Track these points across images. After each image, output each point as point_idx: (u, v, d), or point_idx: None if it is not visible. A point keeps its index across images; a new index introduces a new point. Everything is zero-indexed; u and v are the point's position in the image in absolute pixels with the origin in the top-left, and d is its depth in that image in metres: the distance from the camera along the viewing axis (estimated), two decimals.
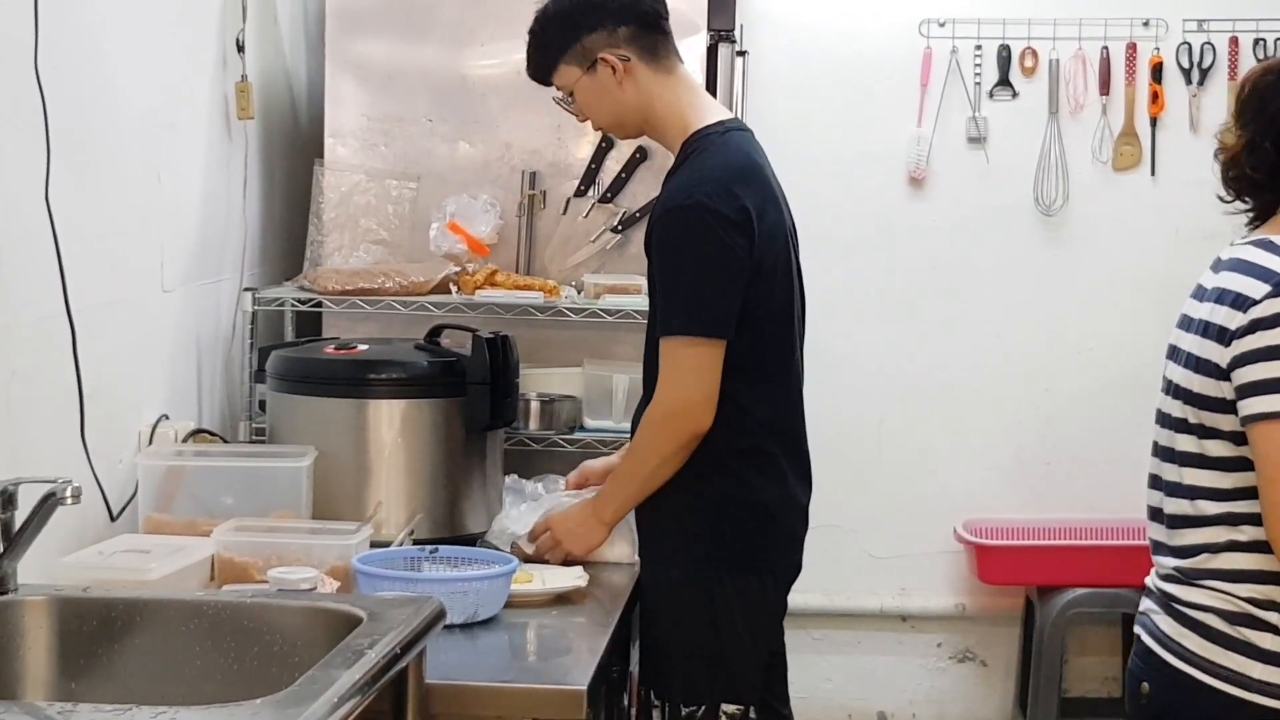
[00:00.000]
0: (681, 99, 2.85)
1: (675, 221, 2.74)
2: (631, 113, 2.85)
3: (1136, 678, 2.40)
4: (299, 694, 1.84)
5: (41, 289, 2.61)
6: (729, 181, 2.74)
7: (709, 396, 2.73)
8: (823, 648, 4.92)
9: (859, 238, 4.83)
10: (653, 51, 2.83)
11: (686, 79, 2.90)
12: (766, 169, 2.86)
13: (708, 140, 2.80)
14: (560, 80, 2.87)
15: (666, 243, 2.76)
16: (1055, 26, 4.79)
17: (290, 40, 3.92)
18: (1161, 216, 4.78)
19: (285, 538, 2.72)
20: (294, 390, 3.13)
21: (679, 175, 2.80)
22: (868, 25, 4.85)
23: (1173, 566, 2.36)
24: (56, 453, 2.66)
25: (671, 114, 2.84)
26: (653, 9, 2.85)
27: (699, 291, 2.73)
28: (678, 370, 2.74)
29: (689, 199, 2.72)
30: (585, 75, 2.83)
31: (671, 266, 2.75)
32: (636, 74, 2.82)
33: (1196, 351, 2.35)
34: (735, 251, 2.71)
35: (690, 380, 2.73)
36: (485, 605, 2.67)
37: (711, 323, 2.72)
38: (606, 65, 2.81)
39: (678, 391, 2.74)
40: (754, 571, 2.83)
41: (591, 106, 2.87)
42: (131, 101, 2.99)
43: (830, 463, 3.06)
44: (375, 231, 3.68)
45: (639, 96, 2.83)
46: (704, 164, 2.76)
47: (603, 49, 2.81)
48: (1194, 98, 4.80)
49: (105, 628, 2.25)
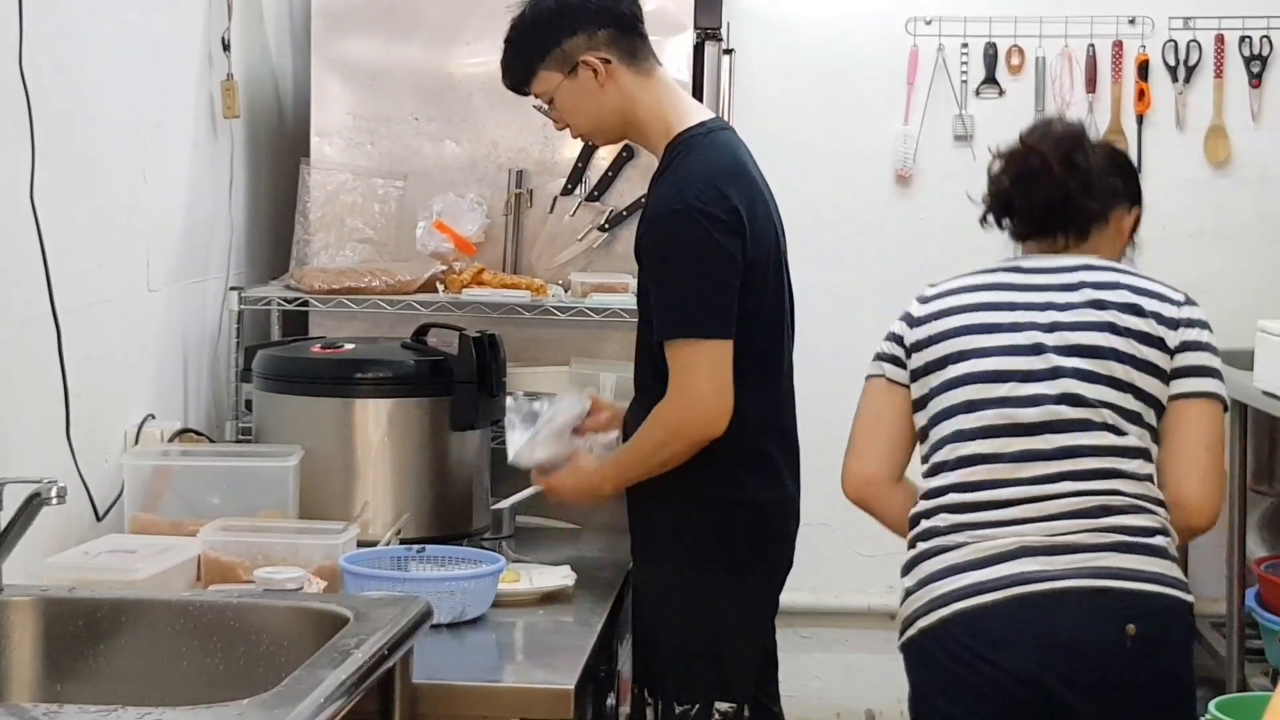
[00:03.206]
0: (662, 100, 2.85)
1: (668, 225, 2.73)
2: (613, 116, 2.84)
3: (1117, 622, 2.47)
4: (285, 694, 1.84)
5: (26, 289, 2.61)
6: (718, 183, 2.73)
7: (724, 396, 2.72)
8: (810, 646, 4.92)
9: (846, 236, 4.83)
10: (632, 54, 2.83)
11: (666, 80, 2.89)
12: (753, 168, 2.86)
13: (693, 142, 2.80)
14: (539, 87, 2.85)
15: (660, 247, 2.75)
16: (1041, 24, 4.79)
17: (276, 39, 3.91)
18: (1147, 214, 4.75)
19: (272, 537, 2.72)
20: (280, 389, 3.13)
21: (667, 178, 2.79)
22: (854, 23, 4.85)
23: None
24: (42, 453, 2.66)
25: (653, 116, 2.84)
26: (630, 11, 2.84)
27: (699, 293, 2.72)
28: (690, 373, 2.72)
29: (680, 202, 2.71)
30: (566, 80, 2.81)
31: (667, 270, 2.74)
32: (617, 76, 2.81)
33: None
34: (729, 252, 2.71)
35: (704, 382, 2.71)
36: (472, 604, 2.67)
37: (715, 323, 2.72)
38: (588, 69, 2.80)
39: (692, 395, 2.72)
40: (749, 570, 2.83)
41: (572, 112, 2.85)
42: (116, 101, 2.98)
43: (817, 460, 3.06)
44: (361, 230, 3.68)
45: (620, 99, 2.82)
46: (691, 166, 2.76)
47: (583, 52, 2.80)
48: (1180, 95, 4.81)
49: (91, 628, 2.25)
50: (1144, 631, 2.47)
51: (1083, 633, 2.48)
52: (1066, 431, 2.55)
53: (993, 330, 2.64)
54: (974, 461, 2.58)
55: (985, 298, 2.68)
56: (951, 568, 2.55)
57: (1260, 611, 4.17)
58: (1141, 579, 2.50)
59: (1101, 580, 2.49)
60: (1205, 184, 4.84)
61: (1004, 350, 2.61)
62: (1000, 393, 2.59)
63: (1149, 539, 2.53)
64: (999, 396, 2.59)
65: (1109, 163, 2.85)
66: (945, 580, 2.54)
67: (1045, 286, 2.65)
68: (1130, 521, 2.53)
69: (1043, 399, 2.57)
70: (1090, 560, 2.50)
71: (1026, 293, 2.66)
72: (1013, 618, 2.48)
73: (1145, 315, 2.60)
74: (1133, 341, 2.59)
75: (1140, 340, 2.59)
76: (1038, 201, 2.70)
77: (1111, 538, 2.51)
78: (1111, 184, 2.81)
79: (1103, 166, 2.76)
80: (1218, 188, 4.83)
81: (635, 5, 2.85)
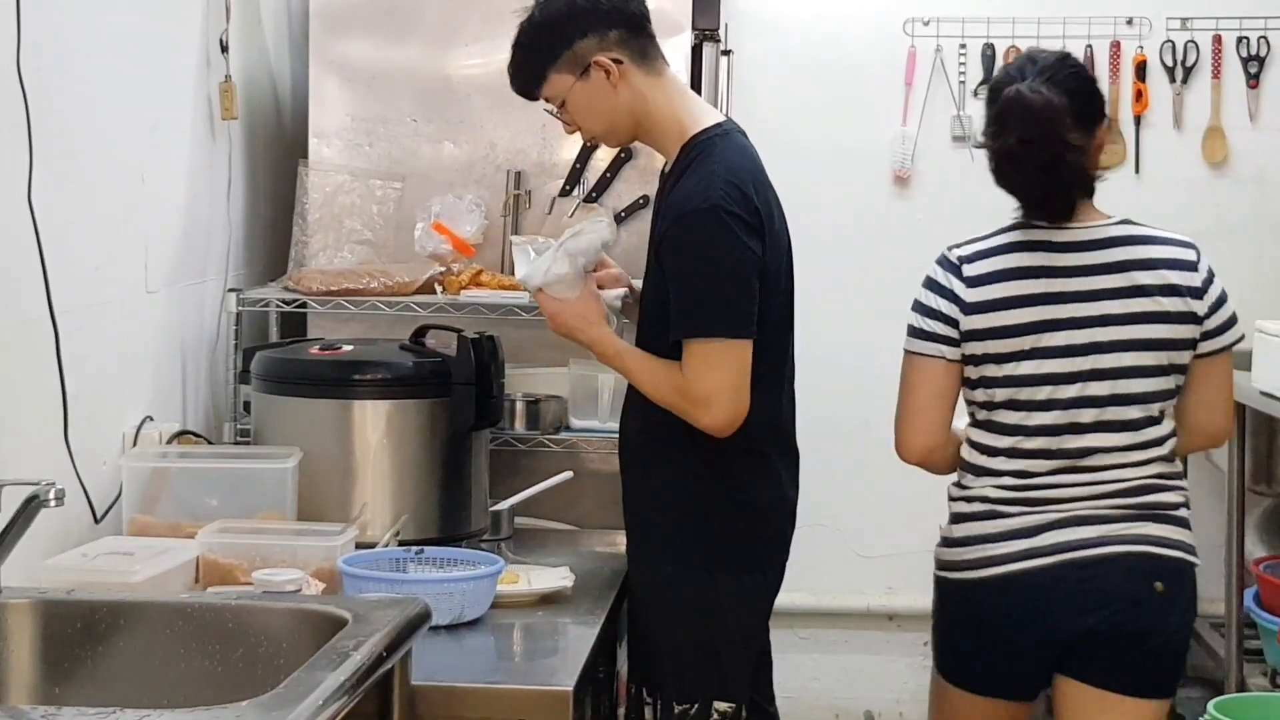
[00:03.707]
0: (674, 100, 2.85)
1: (695, 225, 2.72)
2: (626, 117, 2.84)
3: (1146, 580, 2.79)
4: (284, 696, 1.83)
5: (24, 291, 2.61)
6: (742, 184, 2.73)
7: (740, 398, 2.71)
8: (809, 647, 4.92)
9: (844, 237, 4.82)
10: (643, 54, 2.82)
11: (675, 80, 2.90)
12: (764, 170, 2.86)
13: (710, 143, 2.79)
14: (550, 90, 2.83)
15: (686, 246, 2.73)
16: (1039, 25, 4.79)
17: (274, 40, 3.91)
18: (1145, 214, 4.75)
19: (270, 539, 2.72)
20: (279, 391, 3.13)
21: (688, 178, 2.77)
22: (852, 24, 4.85)
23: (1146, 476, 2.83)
24: (40, 455, 2.66)
25: (665, 116, 2.83)
26: (639, 11, 2.84)
27: (724, 293, 2.71)
28: (711, 371, 2.71)
29: (706, 202, 2.71)
30: (578, 82, 2.80)
31: (692, 269, 2.73)
32: (629, 77, 2.81)
33: None
34: (753, 253, 2.71)
35: (723, 381, 2.70)
36: (471, 606, 2.67)
37: (739, 323, 2.71)
38: (600, 69, 2.79)
39: (708, 394, 2.71)
40: (746, 570, 2.83)
41: (585, 114, 2.84)
42: (114, 102, 2.98)
43: (816, 462, 3.06)
44: (360, 232, 3.68)
45: (633, 99, 2.82)
46: (714, 167, 2.75)
47: (595, 53, 2.79)
48: (1178, 96, 4.81)
49: (89, 630, 2.25)
50: (1168, 589, 2.79)
51: (1117, 589, 2.78)
52: (1119, 432, 2.81)
53: (1052, 329, 2.80)
54: (1033, 455, 2.82)
55: (1036, 287, 2.82)
56: (1006, 533, 2.81)
57: (1259, 612, 4.17)
58: (1167, 545, 2.81)
59: (1137, 546, 2.80)
60: (1203, 184, 4.84)
61: (1063, 352, 2.80)
62: (1062, 395, 2.80)
63: (1175, 511, 2.83)
64: (1061, 399, 2.80)
65: (1083, 105, 2.81)
66: (1000, 544, 2.81)
67: (1089, 269, 2.82)
68: (1163, 498, 2.83)
69: (1099, 400, 2.80)
70: (1128, 529, 2.79)
71: (1074, 279, 2.82)
72: (1061, 580, 2.77)
73: (1181, 294, 2.81)
74: (1174, 326, 2.81)
75: (1179, 321, 2.81)
76: (1036, 191, 2.82)
77: (1147, 511, 2.81)
78: (1091, 131, 2.83)
79: (1079, 120, 2.78)
80: (1215, 188, 4.84)
81: (643, 5, 2.85)
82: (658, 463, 2.85)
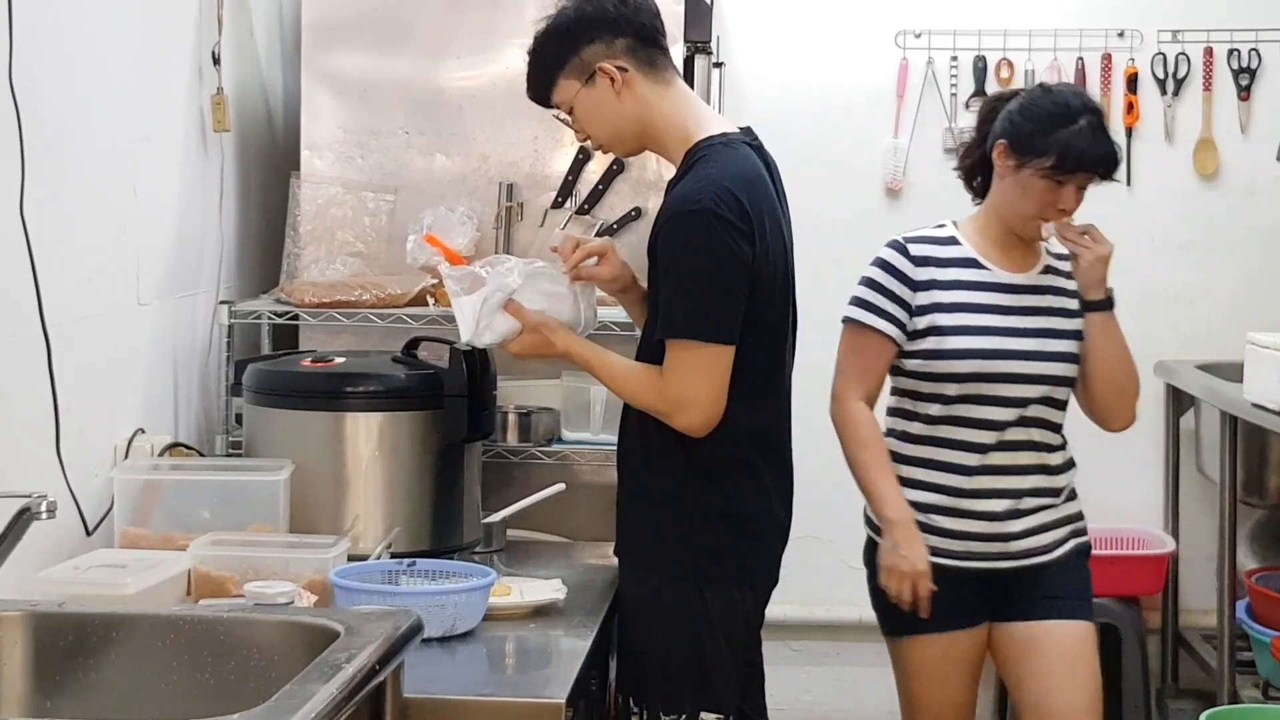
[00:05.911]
0: (681, 109, 2.86)
1: (683, 226, 2.74)
2: (630, 124, 2.85)
3: (1080, 547, 3.43)
4: (276, 709, 1.83)
5: (16, 303, 2.60)
6: (734, 189, 2.74)
7: (716, 403, 2.73)
8: (802, 659, 4.92)
9: (836, 249, 4.81)
10: (650, 64, 2.84)
11: (685, 91, 2.90)
12: (769, 181, 2.87)
13: (712, 150, 2.80)
14: (559, 96, 2.87)
15: (674, 246, 2.75)
16: (1031, 37, 4.80)
17: (266, 53, 3.92)
18: (1137, 227, 4.79)
19: (262, 551, 2.71)
20: (271, 403, 3.12)
21: (684, 182, 2.79)
22: (844, 37, 4.86)
23: None
24: (31, 467, 2.65)
25: (671, 125, 2.85)
26: (651, 24, 2.86)
27: (708, 296, 2.72)
28: (687, 374, 2.73)
29: (696, 204, 2.72)
30: (584, 88, 2.83)
31: (678, 270, 2.74)
32: (634, 85, 2.82)
33: None
34: (741, 259, 2.72)
35: (698, 385, 2.72)
36: (463, 618, 2.67)
37: (720, 328, 2.72)
38: (604, 76, 2.81)
39: (684, 395, 2.73)
40: (733, 582, 2.83)
41: (590, 120, 2.86)
42: (107, 114, 2.98)
43: (809, 473, 3.06)
44: (352, 244, 3.68)
45: (638, 107, 2.83)
46: (709, 171, 2.76)
47: (601, 60, 2.81)
48: (1169, 108, 4.83)
49: (81, 643, 2.24)
50: None
51: None
52: None
53: None
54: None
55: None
56: None
57: (1251, 624, 4.17)
58: None
59: None
60: (1194, 196, 4.85)
61: None
62: None
63: None
64: None
65: None
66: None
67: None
68: None
69: None
70: None
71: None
72: None
73: None
74: None
75: None
76: None
77: None
78: None
79: None
80: (1206, 200, 4.85)
81: (657, 19, 2.87)
82: (646, 472, 2.85)
